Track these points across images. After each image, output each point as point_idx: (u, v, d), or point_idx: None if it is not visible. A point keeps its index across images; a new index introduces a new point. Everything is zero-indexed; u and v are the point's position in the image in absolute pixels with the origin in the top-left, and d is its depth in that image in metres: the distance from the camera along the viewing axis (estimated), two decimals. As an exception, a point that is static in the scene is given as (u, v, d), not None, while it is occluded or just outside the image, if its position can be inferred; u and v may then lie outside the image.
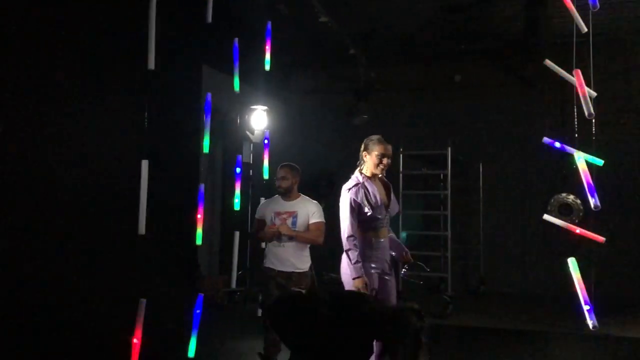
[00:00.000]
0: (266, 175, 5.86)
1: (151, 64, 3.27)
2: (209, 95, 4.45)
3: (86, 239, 3.90)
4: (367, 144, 3.84)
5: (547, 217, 3.93)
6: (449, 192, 7.63)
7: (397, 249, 3.99)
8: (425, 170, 8.21)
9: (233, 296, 7.14)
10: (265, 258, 4.43)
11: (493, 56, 8.45)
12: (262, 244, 4.63)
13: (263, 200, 4.87)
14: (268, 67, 4.72)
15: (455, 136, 7.97)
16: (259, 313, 5.76)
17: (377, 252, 3.78)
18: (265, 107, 7.15)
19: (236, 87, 4.21)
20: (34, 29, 3.57)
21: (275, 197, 4.53)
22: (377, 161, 3.78)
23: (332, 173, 8.03)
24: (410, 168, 8.11)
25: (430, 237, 8.32)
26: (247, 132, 7.16)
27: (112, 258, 4.09)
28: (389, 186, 4.03)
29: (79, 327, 3.77)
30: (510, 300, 7.80)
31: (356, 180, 3.80)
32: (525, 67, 8.27)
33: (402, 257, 3.98)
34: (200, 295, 3.81)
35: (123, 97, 4.22)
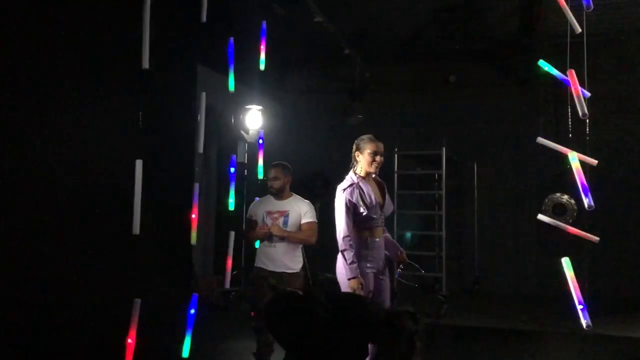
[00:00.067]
0: (261, 175, 5.86)
1: (145, 64, 3.26)
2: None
3: (80, 239, 3.89)
4: (359, 144, 3.86)
5: (542, 217, 3.94)
6: (444, 192, 7.65)
7: (392, 249, 4.00)
8: (420, 170, 8.22)
9: (228, 296, 7.14)
10: (256, 258, 4.40)
11: (488, 56, 8.47)
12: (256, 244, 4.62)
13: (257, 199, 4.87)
14: (263, 67, 4.71)
15: (450, 136, 7.99)
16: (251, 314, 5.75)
17: (373, 252, 3.79)
18: (260, 107, 7.14)
19: (231, 87, 4.20)
20: (29, 29, 3.56)
21: (267, 197, 4.51)
22: (371, 159, 3.79)
23: (327, 173, 8.04)
24: (405, 168, 8.12)
25: (425, 237, 8.34)
26: (242, 132, 7.16)
27: (107, 258, 4.08)
28: (384, 186, 4.03)
29: (74, 327, 3.76)
30: (504, 299, 7.82)
31: (351, 180, 3.81)
32: (519, 68, 8.30)
33: (397, 257, 3.98)
34: (194, 295, 3.80)
35: (118, 97, 4.21)
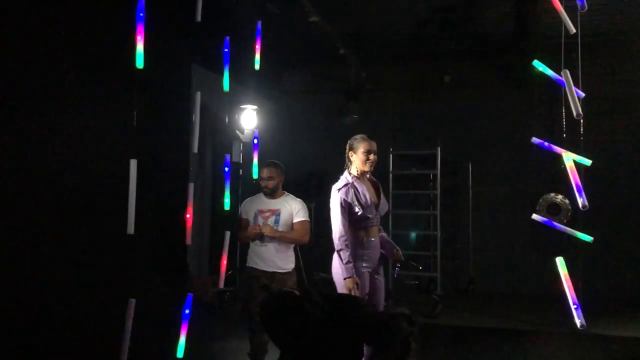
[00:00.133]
0: (256, 175, 5.85)
1: (140, 63, 3.24)
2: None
3: (74, 239, 3.88)
4: (352, 144, 3.88)
5: (536, 217, 3.94)
6: (439, 192, 7.66)
7: (388, 247, 4.00)
8: (415, 170, 8.23)
9: (223, 296, 7.12)
10: (248, 258, 4.36)
11: (482, 57, 8.48)
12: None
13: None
14: (258, 67, 4.70)
15: (444, 136, 8.00)
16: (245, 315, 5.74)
17: (369, 251, 3.80)
18: (255, 107, 7.13)
19: (226, 87, 4.19)
20: (24, 28, 3.54)
21: (258, 195, 4.47)
22: (365, 158, 3.81)
23: (322, 173, 8.03)
24: (400, 168, 8.13)
25: (420, 237, 8.35)
26: (237, 132, 7.15)
27: (102, 258, 4.07)
28: (378, 185, 4.04)
29: (68, 327, 3.75)
30: (499, 299, 7.84)
31: (345, 180, 3.82)
32: (514, 68, 8.31)
33: (393, 255, 3.99)
34: (189, 295, 3.79)
35: (112, 96, 4.20)
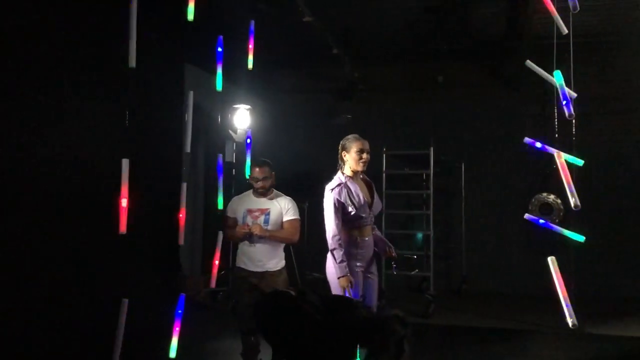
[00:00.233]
0: (248, 174, 5.84)
1: (132, 62, 3.22)
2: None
3: (66, 239, 3.86)
4: (344, 144, 3.90)
5: (528, 217, 3.95)
6: (432, 192, 7.67)
7: (381, 245, 4.01)
8: (407, 170, 8.24)
9: (215, 296, 7.11)
10: (237, 258, 4.30)
11: (475, 57, 8.51)
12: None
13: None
14: (251, 66, 4.69)
15: (437, 136, 8.01)
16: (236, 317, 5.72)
17: (362, 251, 3.81)
18: (248, 106, 7.12)
19: (219, 86, 4.17)
20: (14, 28, 3.52)
21: (247, 193, 4.38)
22: (358, 157, 3.82)
23: (316, 173, 8.02)
24: (393, 168, 8.13)
25: (413, 237, 8.36)
26: (230, 131, 7.13)
27: (94, 258, 4.05)
28: (372, 185, 4.05)
29: (60, 327, 3.73)
30: (492, 299, 7.87)
31: (339, 180, 3.83)
32: (506, 68, 8.34)
33: (386, 253, 4.00)
34: (182, 295, 3.77)
35: (104, 96, 4.18)
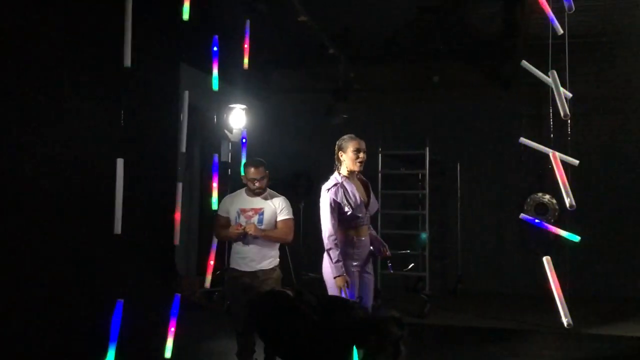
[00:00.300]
0: (243, 174, 5.83)
1: (127, 62, 3.21)
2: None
3: (62, 238, 3.85)
4: (341, 144, 3.90)
5: (524, 217, 3.96)
6: (427, 192, 7.68)
7: (376, 244, 4.03)
8: (403, 170, 8.24)
9: (211, 296, 7.10)
10: (230, 258, 4.24)
11: (471, 57, 8.53)
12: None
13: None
14: (247, 66, 4.69)
15: (433, 136, 8.02)
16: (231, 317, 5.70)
17: (359, 250, 3.82)
18: (243, 106, 7.11)
19: (215, 86, 4.16)
20: (10, 28, 3.50)
21: (239, 192, 4.29)
22: (354, 157, 3.82)
23: (311, 173, 8.03)
24: (388, 168, 8.13)
25: (408, 237, 8.36)
26: (226, 131, 7.12)
27: (89, 258, 4.04)
28: (368, 185, 4.05)
29: (55, 327, 3.72)
30: (487, 299, 7.88)
31: (335, 180, 3.83)
32: (502, 68, 8.36)
33: (381, 253, 4.01)
34: (177, 295, 3.77)
35: (100, 95, 4.17)
